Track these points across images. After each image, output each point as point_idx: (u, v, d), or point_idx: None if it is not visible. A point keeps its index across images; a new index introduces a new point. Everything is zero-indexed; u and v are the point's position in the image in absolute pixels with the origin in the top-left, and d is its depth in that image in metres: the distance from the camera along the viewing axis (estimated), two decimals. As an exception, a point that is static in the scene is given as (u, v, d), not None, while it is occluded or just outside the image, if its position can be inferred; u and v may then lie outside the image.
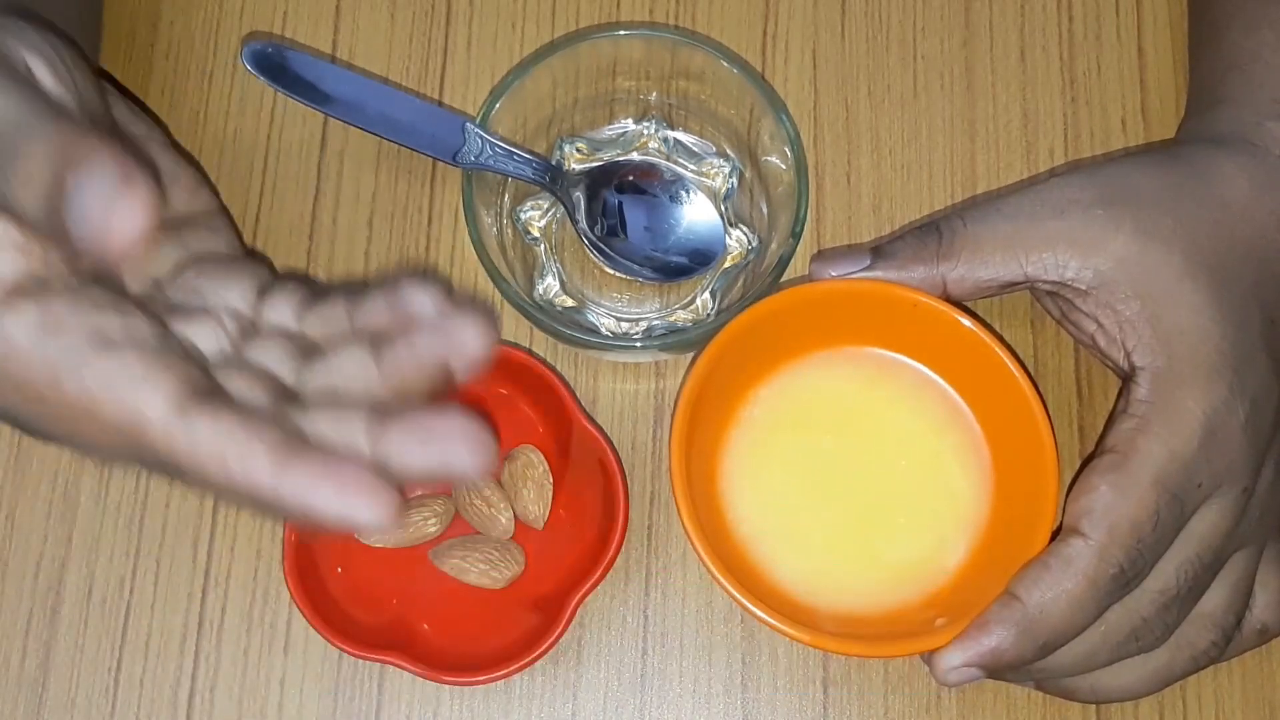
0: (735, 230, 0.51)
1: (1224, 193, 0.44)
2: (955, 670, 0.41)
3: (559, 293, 0.50)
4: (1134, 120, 0.53)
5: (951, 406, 0.46)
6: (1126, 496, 0.41)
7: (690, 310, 0.50)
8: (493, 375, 0.47)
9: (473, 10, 0.55)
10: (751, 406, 0.47)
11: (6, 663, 0.47)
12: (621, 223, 0.50)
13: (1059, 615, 0.40)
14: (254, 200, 0.52)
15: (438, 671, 0.44)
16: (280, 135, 0.53)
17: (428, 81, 0.54)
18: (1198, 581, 0.42)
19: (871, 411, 0.47)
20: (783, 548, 0.45)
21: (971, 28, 0.55)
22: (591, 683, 0.47)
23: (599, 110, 0.52)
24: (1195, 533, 0.42)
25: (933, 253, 0.44)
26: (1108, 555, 0.40)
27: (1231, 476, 0.42)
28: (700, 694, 0.47)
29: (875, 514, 0.46)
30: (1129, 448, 0.41)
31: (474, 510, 0.48)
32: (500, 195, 0.51)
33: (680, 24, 0.55)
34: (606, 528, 0.45)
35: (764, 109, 0.48)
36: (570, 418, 0.46)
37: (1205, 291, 0.42)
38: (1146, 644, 0.42)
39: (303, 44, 0.54)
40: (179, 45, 0.54)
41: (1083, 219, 0.43)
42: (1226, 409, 0.41)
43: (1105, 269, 0.43)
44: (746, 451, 0.46)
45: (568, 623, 0.44)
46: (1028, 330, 0.51)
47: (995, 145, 0.53)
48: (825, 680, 0.47)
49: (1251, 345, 0.43)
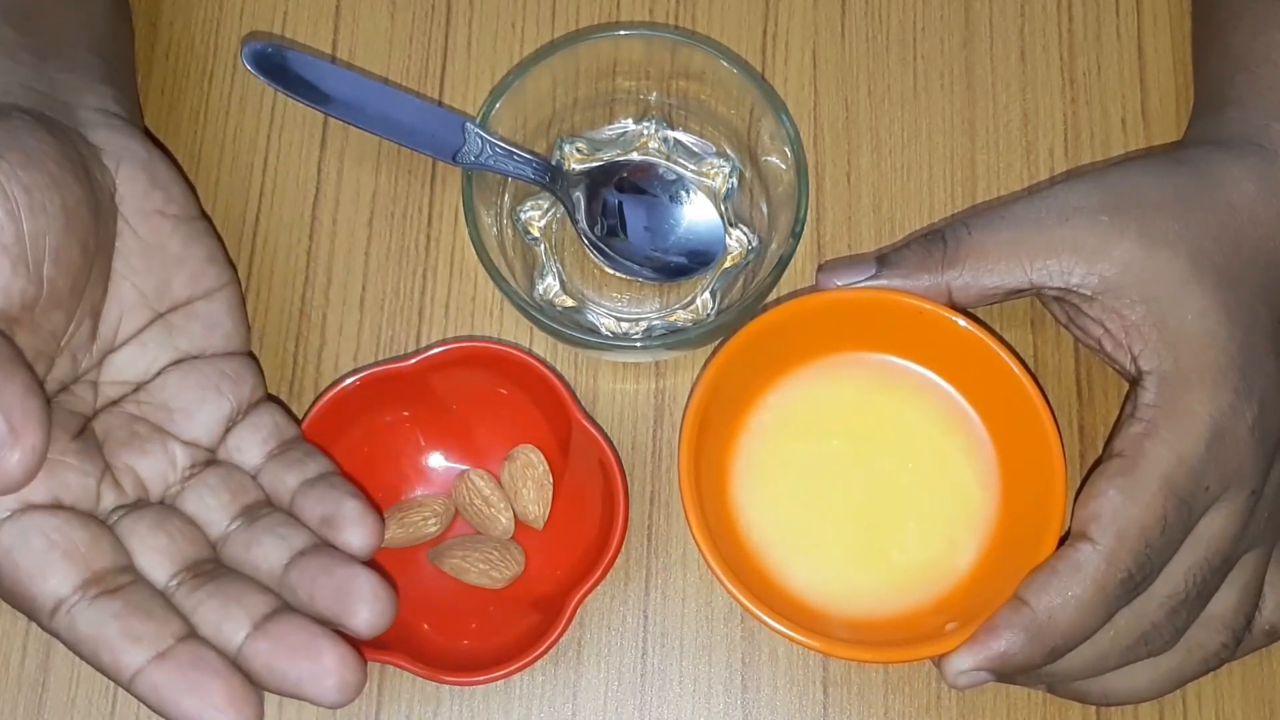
0: (735, 230, 0.51)
1: (1231, 196, 0.44)
2: (965, 674, 0.41)
3: (559, 293, 0.50)
4: (1134, 120, 0.53)
5: (958, 410, 0.47)
6: (1134, 501, 0.41)
7: (690, 310, 0.50)
8: (493, 375, 0.47)
9: (473, 10, 0.55)
10: (760, 413, 0.47)
11: (6, 663, 0.47)
12: (621, 223, 0.50)
13: (1068, 620, 0.40)
14: (254, 200, 0.52)
15: (438, 671, 0.44)
16: (280, 135, 0.53)
17: (428, 81, 0.54)
18: (1207, 584, 0.42)
19: (879, 416, 0.47)
20: (794, 554, 0.45)
21: (971, 28, 0.55)
22: (591, 683, 0.47)
23: (599, 110, 0.52)
24: (1204, 536, 0.42)
25: (938, 261, 0.44)
26: (1116, 560, 0.40)
27: (1239, 479, 0.42)
28: (700, 694, 0.47)
29: (886, 518, 0.46)
30: (1136, 452, 0.41)
31: (474, 510, 0.48)
32: (500, 195, 0.51)
33: (680, 24, 0.55)
34: (606, 528, 0.45)
35: (764, 109, 0.48)
36: (570, 418, 0.46)
37: (1211, 295, 0.42)
38: (1156, 647, 0.42)
39: (303, 44, 0.54)
40: (179, 45, 0.54)
41: (1088, 225, 0.43)
42: (1233, 412, 0.41)
43: (1111, 274, 0.43)
44: (756, 458, 0.46)
45: (568, 623, 0.44)
46: (1028, 331, 0.51)
47: (995, 145, 0.53)
48: (825, 680, 0.47)
49: (1259, 348, 0.43)
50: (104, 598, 0.38)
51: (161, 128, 0.53)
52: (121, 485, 0.41)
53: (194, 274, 0.44)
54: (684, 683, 0.47)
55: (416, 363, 0.46)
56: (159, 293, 0.44)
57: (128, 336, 0.43)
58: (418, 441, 0.49)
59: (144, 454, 0.42)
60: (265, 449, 0.44)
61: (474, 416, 0.49)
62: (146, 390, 0.43)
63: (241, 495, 0.43)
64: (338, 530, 0.42)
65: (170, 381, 0.44)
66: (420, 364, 0.46)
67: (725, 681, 0.47)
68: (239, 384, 0.44)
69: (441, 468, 0.49)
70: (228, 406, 0.44)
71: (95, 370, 0.43)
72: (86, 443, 0.41)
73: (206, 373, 0.44)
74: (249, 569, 0.41)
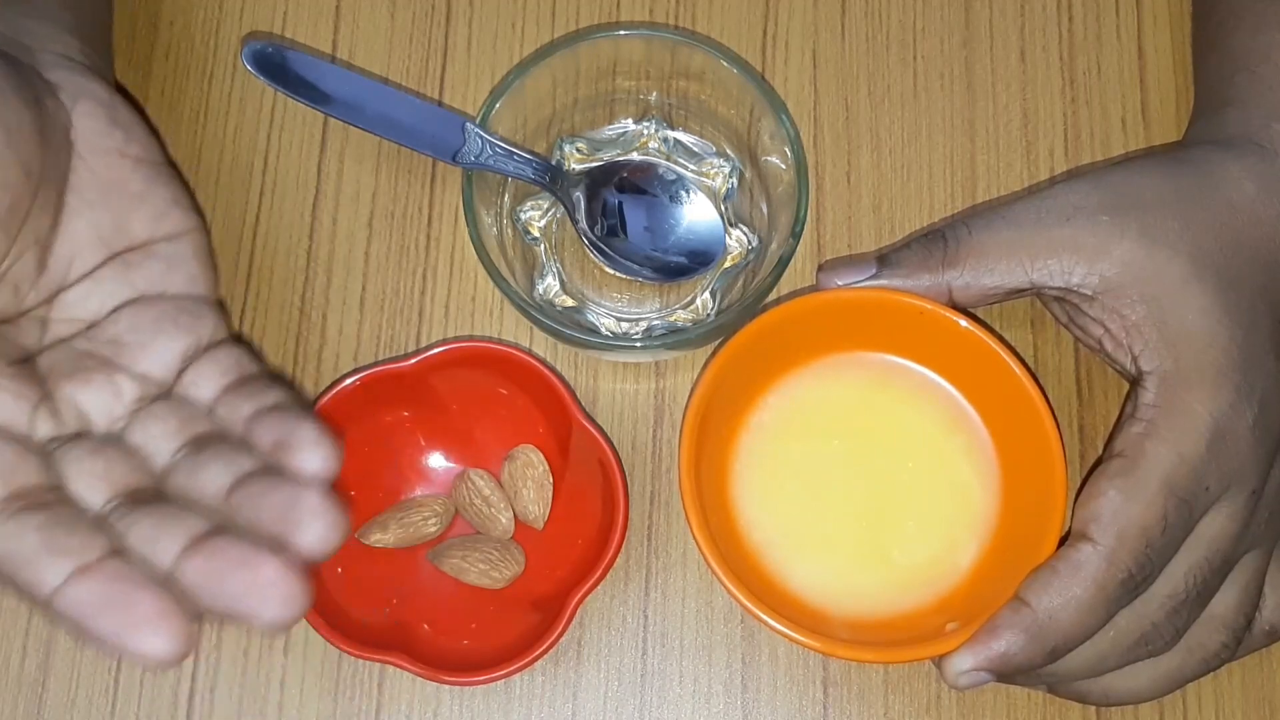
0: (735, 230, 0.51)
1: (1231, 195, 0.44)
2: (965, 674, 0.41)
3: (559, 293, 0.50)
4: (1134, 120, 0.53)
5: (958, 409, 0.47)
6: (1135, 501, 0.41)
7: (690, 310, 0.50)
8: (493, 375, 0.47)
9: (473, 10, 0.55)
10: (760, 413, 0.47)
11: (6, 663, 0.47)
12: (621, 223, 0.50)
13: (1068, 620, 0.40)
14: (254, 200, 0.52)
15: (438, 671, 0.44)
16: (280, 135, 0.53)
17: (428, 81, 0.54)
18: (1207, 584, 0.42)
19: (879, 415, 0.47)
20: (795, 553, 0.45)
21: (971, 28, 0.55)
22: (591, 683, 0.47)
23: (599, 110, 0.52)
24: (1204, 536, 0.42)
25: (938, 260, 0.44)
26: (1116, 560, 0.40)
27: (1240, 479, 0.42)
28: (700, 694, 0.47)
29: (886, 517, 0.46)
30: (1137, 452, 0.41)
31: (474, 510, 0.48)
32: (500, 195, 0.51)
33: (680, 24, 0.55)
34: (606, 528, 0.45)
35: (764, 109, 0.48)
36: (570, 418, 0.46)
37: (1212, 294, 0.42)
38: (1156, 648, 0.42)
39: (303, 44, 0.54)
40: (179, 45, 0.54)
41: (1088, 225, 0.43)
42: (1234, 411, 0.41)
43: (1111, 274, 0.43)
44: (757, 458, 0.46)
45: (568, 623, 0.44)
46: (1028, 330, 0.51)
47: (995, 145, 0.53)
48: (825, 680, 0.47)
49: (1259, 347, 0.43)
50: (26, 512, 0.35)
51: (161, 128, 0.53)
52: (62, 416, 0.39)
53: (156, 215, 0.43)
54: (684, 683, 0.47)
55: (416, 363, 0.46)
56: (116, 230, 0.42)
57: (81, 274, 0.41)
58: (418, 441, 0.49)
59: (88, 385, 0.39)
60: (223, 382, 0.40)
61: (474, 416, 0.49)
62: (99, 327, 0.41)
63: (191, 425, 0.39)
64: (292, 452, 0.37)
65: (124, 316, 0.41)
66: (420, 364, 0.46)
67: (725, 681, 0.47)
68: (199, 320, 0.42)
69: (441, 468, 0.49)
70: (184, 341, 0.41)
71: (46, 307, 0.41)
72: (24, 370, 0.39)
73: (163, 309, 0.42)
74: (194, 495, 0.37)
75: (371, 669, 0.47)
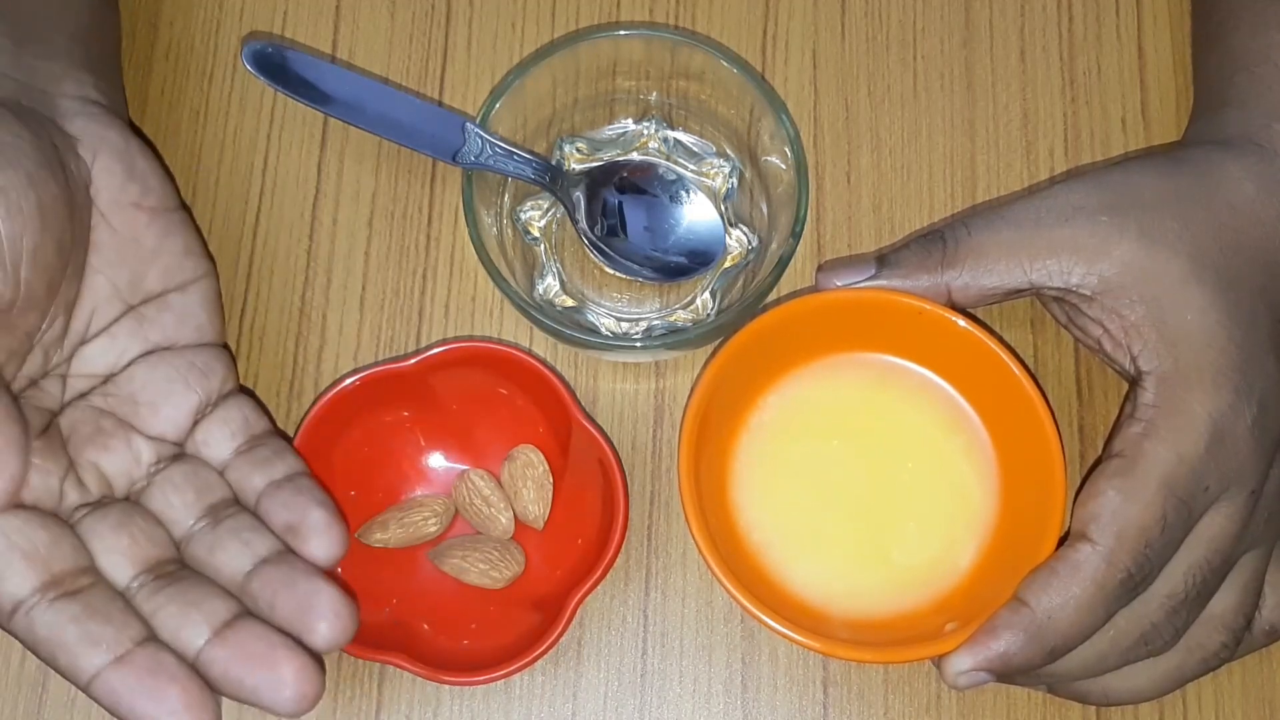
0: (735, 230, 0.51)
1: (1230, 195, 0.44)
2: (964, 674, 0.41)
3: (559, 293, 0.50)
4: (1134, 120, 0.53)
5: (957, 409, 0.47)
6: (1134, 501, 0.41)
7: (690, 310, 0.50)
8: (493, 375, 0.47)
9: (473, 10, 0.55)
10: (760, 413, 0.47)
11: (6, 663, 0.47)
12: (621, 223, 0.50)
13: (1067, 621, 0.40)
14: (254, 200, 0.52)
15: (438, 671, 0.44)
16: (280, 135, 0.53)
17: (428, 81, 0.54)
18: (1206, 585, 0.42)
19: (879, 415, 0.47)
20: (794, 553, 0.45)
21: (971, 28, 0.55)
22: (591, 683, 0.47)
23: (599, 110, 0.52)
24: (1203, 536, 0.42)
25: (937, 261, 0.44)
26: (1116, 561, 0.40)
27: (1239, 479, 0.42)
28: (700, 694, 0.47)
29: (886, 517, 0.46)
30: (1136, 452, 0.41)
31: (474, 510, 0.48)
32: (500, 195, 0.51)
33: (680, 24, 0.55)
34: (606, 528, 0.45)
35: (764, 109, 0.48)
36: (570, 418, 0.46)
37: (1211, 294, 0.42)
38: (1156, 648, 0.42)
39: (303, 44, 0.54)
40: (179, 45, 0.54)
41: (1088, 225, 0.43)
42: (1233, 411, 0.41)
43: (1110, 274, 0.43)
44: (756, 458, 0.46)
45: (568, 623, 0.44)
46: (1028, 331, 0.51)
47: (995, 145, 0.53)
48: (825, 680, 0.47)
49: (1259, 347, 0.42)
50: (63, 600, 0.38)
51: (161, 128, 0.53)
52: (85, 483, 0.41)
53: (169, 267, 0.44)
54: (684, 683, 0.47)
55: (416, 363, 0.46)
56: (132, 286, 0.44)
57: (99, 329, 0.43)
58: (418, 441, 0.49)
59: (108, 450, 0.42)
60: (233, 444, 0.44)
61: (474, 416, 0.49)
62: (114, 383, 0.43)
63: (207, 494, 0.42)
64: (302, 540, 0.41)
65: (138, 374, 0.43)
66: (420, 364, 0.46)
67: (725, 681, 0.47)
68: (208, 376, 0.44)
69: (441, 468, 0.49)
70: (195, 399, 0.44)
71: (65, 364, 0.43)
72: (51, 440, 0.41)
73: (175, 365, 0.44)
74: (211, 572, 0.41)
75: (371, 669, 0.47)
